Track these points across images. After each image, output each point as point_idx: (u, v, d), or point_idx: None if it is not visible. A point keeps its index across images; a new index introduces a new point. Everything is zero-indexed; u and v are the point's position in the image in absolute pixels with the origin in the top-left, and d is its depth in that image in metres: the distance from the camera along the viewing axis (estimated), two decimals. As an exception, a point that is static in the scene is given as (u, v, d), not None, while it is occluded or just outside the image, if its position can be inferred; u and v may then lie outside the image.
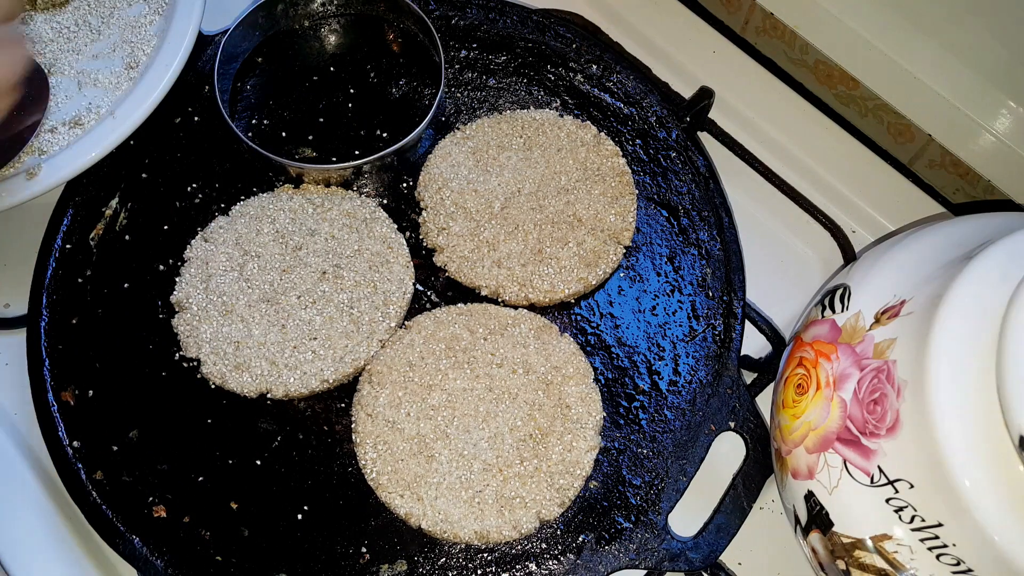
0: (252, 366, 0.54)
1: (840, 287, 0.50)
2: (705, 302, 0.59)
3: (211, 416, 0.55)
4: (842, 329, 0.47)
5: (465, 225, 0.58)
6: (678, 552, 0.52)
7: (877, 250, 0.51)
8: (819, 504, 0.45)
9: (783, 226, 0.66)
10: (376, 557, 0.52)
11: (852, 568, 0.44)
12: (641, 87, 0.64)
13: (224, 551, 0.52)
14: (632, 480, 0.54)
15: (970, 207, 0.67)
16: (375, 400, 0.53)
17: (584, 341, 0.57)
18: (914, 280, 0.46)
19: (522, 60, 0.65)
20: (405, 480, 0.51)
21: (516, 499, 0.51)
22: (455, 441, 0.52)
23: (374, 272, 0.56)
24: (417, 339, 0.55)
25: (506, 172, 0.59)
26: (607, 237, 0.58)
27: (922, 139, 0.66)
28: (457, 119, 0.63)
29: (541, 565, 0.52)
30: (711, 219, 0.61)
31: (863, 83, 0.66)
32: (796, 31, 0.67)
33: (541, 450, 0.52)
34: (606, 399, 0.56)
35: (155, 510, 0.53)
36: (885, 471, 0.42)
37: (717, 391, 0.56)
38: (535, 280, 0.57)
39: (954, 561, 0.41)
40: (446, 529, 0.51)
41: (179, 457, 0.54)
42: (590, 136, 0.61)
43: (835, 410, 0.45)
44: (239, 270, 0.56)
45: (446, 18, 0.66)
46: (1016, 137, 0.61)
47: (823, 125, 0.69)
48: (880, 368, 0.44)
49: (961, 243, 0.47)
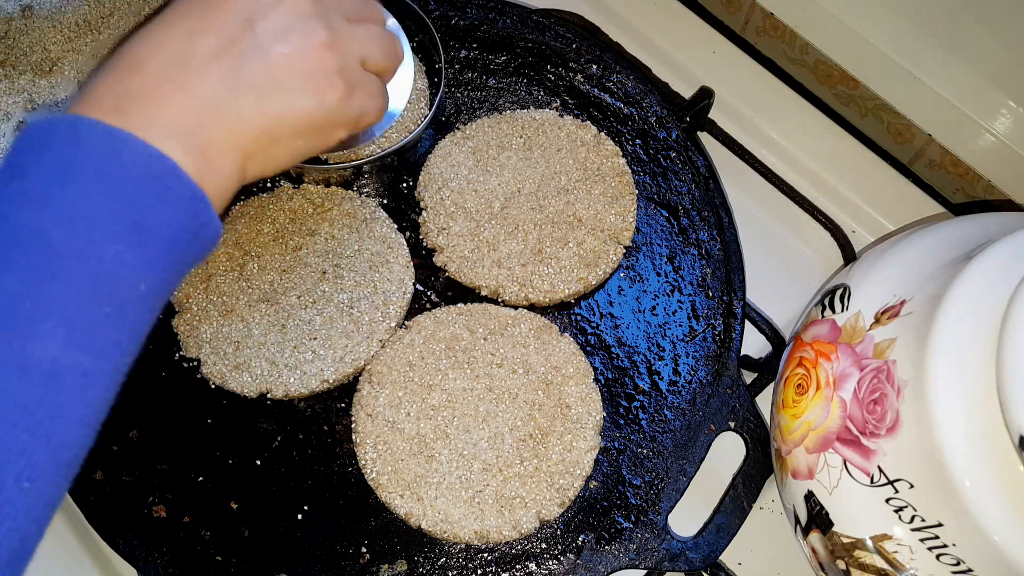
0: (252, 366, 0.54)
1: (840, 287, 0.50)
2: (705, 302, 0.59)
3: (211, 416, 0.55)
4: (842, 329, 0.47)
5: (465, 225, 0.58)
6: (678, 552, 0.52)
7: (877, 250, 0.51)
8: (819, 504, 0.45)
9: (783, 226, 0.66)
10: (376, 557, 0.52)
11: (852, 568, 0.44)
12: (641, 87, 0.64)
13: (224, 551, 0.52)
14: (632, 480, 0.54)
15: (970, 207, 0.67)
16: (375, 400, 0.53)
17: (584, 341, 0.57)
18: (914, 280, 0.46)
19: (522, 60, 0.65)
20: (405, 480, 0.51)
21: (516, 499, 0.51)
22: (455, 441, 0.52)
23: (374, 272, 0.56)
24: (417, 339, 0.55)
25: (506, 172, 0.59)
26: (607, 237, 0.58)
27: (922, 139, 0.66)
28: (457, 119, 0.63)
29: (541, 565, 0.52)
30: (711, 219, 0.61)
31: (863, 83, 0.66)
32: (796, 31, 0.67)
33: (541, 450, 0.52)
34: (606, 399, 0.56)
35: (155, 510, 0.53)
36: (885, 471, 0.42)
37: (717, 391, 0.56)
38: (535, 280, 0.57)
39: (954, 561, 0.41)
40: (446, 529, 0.51)
41: (179, 457, 0.54)
42: (590, 136, 0.61)
43: (835, 410, 0.45)
44: (239, 270, 0.56)
45: (446, 18, 0.66)
46: (1016, 137, 0.61)
47: (823, 125, 0.69)
48: (880, 368, 0.44)
49: (961, 243, 0.47)
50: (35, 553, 0.33)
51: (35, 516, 0.33)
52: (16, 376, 0.32)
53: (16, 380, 0.32)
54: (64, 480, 0.34)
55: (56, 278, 0.34)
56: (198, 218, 0.38)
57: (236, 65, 0.40)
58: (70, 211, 0.35)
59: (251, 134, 0.41)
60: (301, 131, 0.43)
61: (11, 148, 0.37)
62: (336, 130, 0.45)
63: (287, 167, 0.45)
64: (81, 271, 0.34)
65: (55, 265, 0.34)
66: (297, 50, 0.41)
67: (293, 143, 0.43)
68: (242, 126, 0.40)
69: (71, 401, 0.34)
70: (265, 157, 0.42)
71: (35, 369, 0.33)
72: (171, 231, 0.37)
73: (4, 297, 0.33)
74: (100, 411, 0.35)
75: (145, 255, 0.36)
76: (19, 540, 0.32)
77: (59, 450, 0.33)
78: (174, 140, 0.37)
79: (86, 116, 0.37)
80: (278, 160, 0.43)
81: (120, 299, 0.35)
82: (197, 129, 0.38)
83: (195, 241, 0.38)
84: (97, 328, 0.35)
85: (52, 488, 0.33)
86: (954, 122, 0.63)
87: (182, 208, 0.37)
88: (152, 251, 0.36)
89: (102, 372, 0.35)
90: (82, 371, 0.34)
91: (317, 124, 0.43)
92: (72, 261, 0.34)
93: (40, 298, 0.33)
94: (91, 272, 0.34)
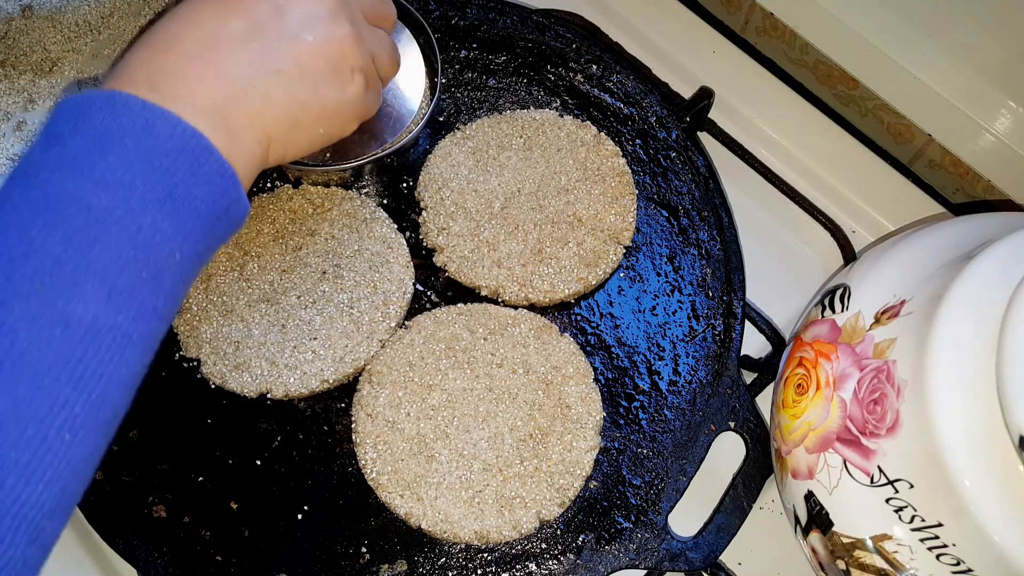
0: (252, 366, 0.54)
1: (840, 287, 0.50)
2: (705, 302, 0.59)
3: (211, 416, 0.55)
4: (842, 329, 0.47)
5: (465, 225, 0.58)
6: (678, 552, 0.52)
7: (877, 250, 0.51)
8: (819, 504, 0.45)
9: (783, 226, 0.66)
10: (376, 557, 0.52)
11: (852, 568, 0.44)
12: (641, 87, 0.64)
13: (224, 551, 0.52)
14: (632, 480, 0.54)
15: (970, 207, 0.67)
16: (375, 400, 0.53)
17: (584, 341, 0.57)
18: (914, 280, 0.46)
19: (522, 60, 0.65)
20: (405, 480, 0.51)
21: (516, 499, 0.51)
22: (455, 441, 0.52)
23: (374, 272, 0.56)
24: (417, 339, 0.55)
25: (506, 172, 0.59)
26: (607, 237, 0.58)
27: (922, 139, 0.66)
28: (457, 119, 0.63)
29: (541, 565, 0.52)
30: (711, 219, 0.61)
31: (863, 83, 0.66)
32: (796, 31, 0.67)
33: (541, 450, 0.52)
34: (606, 399, 0.56)
35: (155, 510, 0.53)
36: (885, 471, 0.42)
37: (717, 391, 0.56)
38: (535, 280, 0.57)
39: (954, 561, 0.41)
40: (446, 529, 0.51)
41: (179, 457, 0.54)
42: (590, 136, 0.61)
43: (835, 410, 0.45)
44: (239, 270, 0.56)
45: (446, 18, 0.66)
46: (1016, 137, 0.61)
47: (823, 125, 0.69)
48: (880, 368, 0.44)
49: (961, 243, 0.47)
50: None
51: (76, 469, 0.34)
52: (59, 332, 0.34)
53: (59, 336, 0.34)
54: (103, 439, 0.36)
55: (97, 242, 0.35)
56: (228, 195, 0.39)
57: (265, 49, 0.41)
58: (109, 179, 0.36)
59: (276, 117, 0.42)
60: (322, 118, 0.44)
61: (48, 119, 0.38)
62: (351, 121, 0.47)
63: (305, 154, 0.46)
64: (120, 236, 0.35)
65: (96, 230, 0.35)
66: (323, 39, 0.43)
67: (314, 129, 0.44)
68: (268, 109, 0.42)
69: (110, 359, 0.35)
70: (286, 142, 0.44)
71: (77, 326, 0.34)
72: (204, 205, 0.38)
73: (47, 258, 0.34)
74: (136, 375, 0.37)
75: (180, 226, 0.37)
76: (61, 491, 0.33)
77: (99, 407, 0.35)
78: (203, 118, 0.39)
79: (121, 91, 0.38)
80: (298, 146, 0.45)
81: (157, 265, 0.37)
82: (225, 109, 0.40)
83: (225, 217, 0.40)
84: (135, 292, 0.36)
85: (91, 443, 0.35)
86: (954, 122, 0.63)
87: (214, 184, 0.39)
88: (186, 222, 0.38)
89: (140, 335, 0.36)
90: (121, 332, 0.35)
91: (338, 112, 0.45)
92: (112, 227, 0.35)
93: (81, 260, 0.35)
94: (130, 238, 0.36)
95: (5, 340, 0.33)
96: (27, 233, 0.35)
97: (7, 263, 0.34)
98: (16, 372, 0.33)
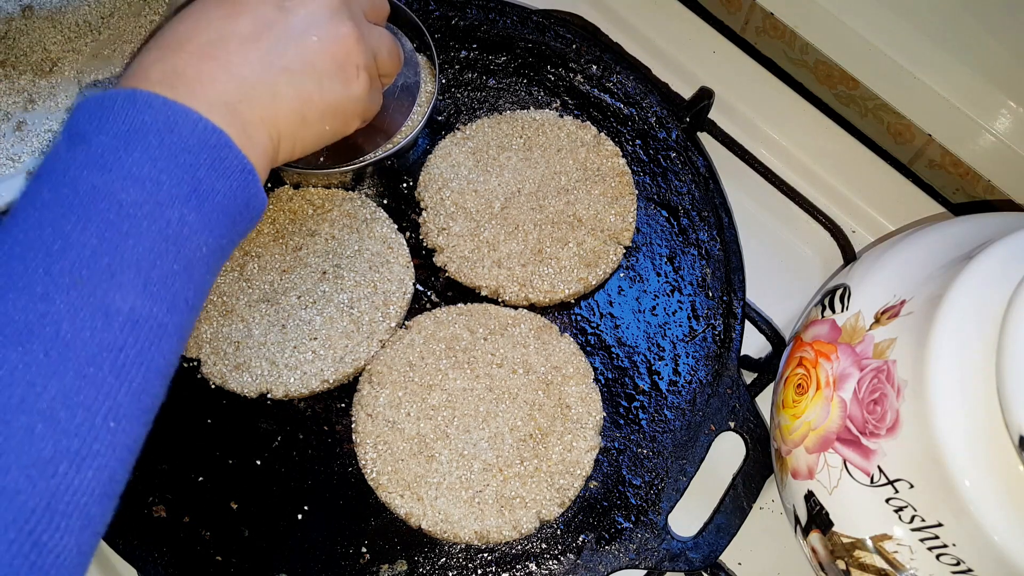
0: (252, 366, 0.54)
1: (840, 287, 0.50)
2: (705, 302, 0.59)
3: (211, 416, 0.55)
4: (842, 329, 0.47)
5: (465, 225, 0.58)
6: (678, 552, 0.52)
7: (877, 250, 0.51)
8: (819, 504, 0.45)
9: (783, 226, 0.66)
10: (376, 557, 0.52)
11: (852, 568, 0.44)
12: (641, 87, 0.64)
13: (224, 551, 0.52)
14: (632, 480, 0.54)
15: (970, 207, 0.67)
16: (375, 400, 0.53)
17: (584, 341, 0.57)
18: (914, 280, 0.46)
19: (522, 60, 0.65)
20: (405, 480, 0.51)
21: (516, 499, 0.51)
22: (455, 441, 0.52)
23: (374, 272, 0.56)
24: (417, 339, 0.55)
25: (506, 172, 0.59)
26: (607, 237, 0.58)
27: (922, 139, 0.66)
28: (457, 119, 0.63)
29: (541, 565, 0.52)
30: (711, 219, 0.61)
31: (863, 83, 0.66)
32: (796, 31, 0.67)
33: (541, 450, 0.52)
34: (606, 399, 0.56)
35: (155, 510, 0.53)
36: (885, 471, 0.42)
37: (717, 391, 0.56)
38: (535, 280, 0.57)
39: (954, 561, 0.41)
40: (446, 529, 0.51)
41: (179, 457, 0.54)
42: (590, 136, 0.61)
43: (835, 410, 0.45)
44: (239, 270, 0.56)
45: (446, 18, 0.66)
46: (1016, 137, 0.61)
47: (823, 125, 0.69)
48: (880, 368, 0.44)
49: (961, 243, 0.47)
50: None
51: (120, 457, 0.35)
52: (100, 322, 0.35)
53: (101, 326, 0.35)
54: (143, 427, 0.37)
55: (129, 235, 0.36)
56: (248, 189, 0.40)
57: (272, 47, 0.43)
58: (136, 175, 0.37)
59: (284, 114, 0.43)
60: (328, 115, 0.45)
61: (69, 118, 0.39)
62: (355, 118, 0.48)
63: (312, 151, 0.47)
64: (151, 229, 0.36)
65: (128, 224, 0.36)
66: (328, 38, 0.44)
67: (320, 126, 0.46)
68: (277, 105, 0.43)
69: (148, 348, 0.36)
70: (294, 139, 0.45)
71: (116, 316, 0.35)
72: (226, 199, 0.39)
73: (84, 250, 0.35)
74: (171, 364, 0.38)
75: (205, 219, 0.38)
76: (109, 478, 0.35)
77: (139, 395, 0.36)
78: (219, 115, 0.40)
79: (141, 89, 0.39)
80: (305, 143, 0.46)
81: (187, 257, 0.38)
82: (237, 106, 0.41)
83: (246, 211, 0.41)
84: (169, 283, 0.37)
85: (133, 431, 0.36)
86: (954, 122, 0.63)
87: (235, 179, 0.40)
88: (211, 216, 0.39)
89: (174, 325, 0.37)
90: (157, 322, 0.36)
91: (342, 109, 0.46)
92: (143, 220, 0.36)
93: (116, 253, 0.36)
94: (160, 231, 0.37)
95: (50, 330, 0.34)
96: (61, 228, 0.35)
97: (45, 257, 0.35)
98: (63, 361, 0.34)
